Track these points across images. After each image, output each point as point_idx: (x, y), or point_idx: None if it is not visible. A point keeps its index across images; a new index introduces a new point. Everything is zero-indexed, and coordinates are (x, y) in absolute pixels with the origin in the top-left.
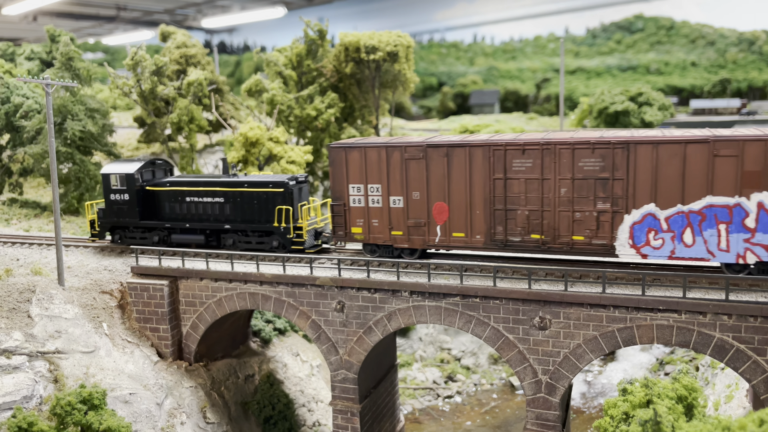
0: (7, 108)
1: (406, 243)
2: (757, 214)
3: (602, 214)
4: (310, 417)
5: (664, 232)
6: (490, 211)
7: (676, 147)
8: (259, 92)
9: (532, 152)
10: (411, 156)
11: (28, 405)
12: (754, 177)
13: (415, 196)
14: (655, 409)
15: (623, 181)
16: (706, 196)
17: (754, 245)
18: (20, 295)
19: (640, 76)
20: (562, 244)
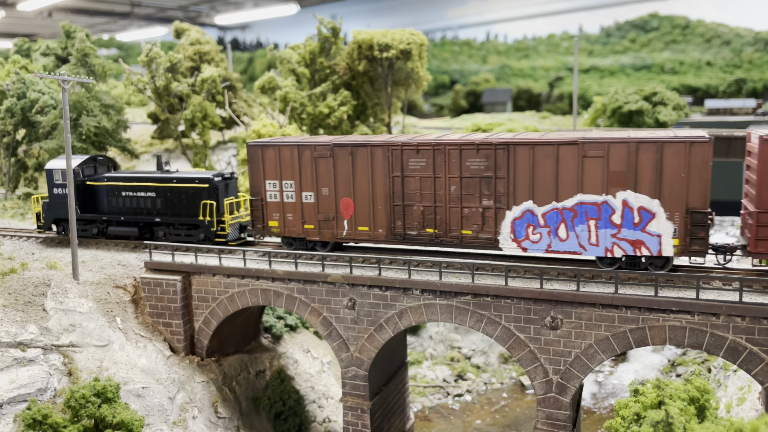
0: (23, 103)
1: (317, 236)
2: (622, 211)
3: (487, 210)
4: (321, 413)
5: (542, 227)
6: (390, 206)
7: (550, 148)
8: (272, 89)
9: (425, 152)
10: (320, 155)
11: (42, 397)
12: (619, 176)
13: (325, 192)
14: (667, 410)
15: (505, 179)
16: (577, 194)
17: (620, 240)
18: (35, 289)
19: (654, 76)
20: (453, 238)
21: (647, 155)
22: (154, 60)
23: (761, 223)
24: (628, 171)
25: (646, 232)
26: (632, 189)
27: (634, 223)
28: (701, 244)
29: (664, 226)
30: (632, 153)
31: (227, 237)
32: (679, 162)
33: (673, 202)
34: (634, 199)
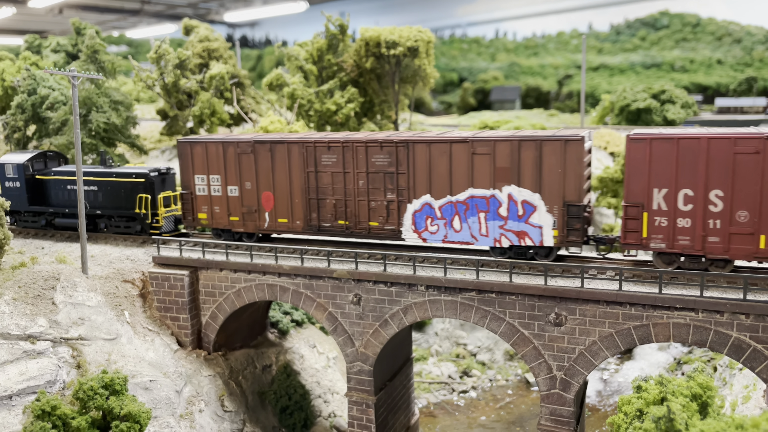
0: (34, 99)
1: (242, 228)
2: (507, 204)
3: (391, 203)
4: (326, 408)
5: (439, 219)
6: (306, 199)
7: (444, 146)
8: (280, 86)
9: (336, 149)
10: (242, 151)
11: (51, 389)
12: (505, 172)
13: (248, 186)
14: (669, 406)
15: (406, 174)
16: (468, 189)
17: (507, 231)
18: (45, 283)
19: (664, 74)
20: (362, 229)
21: (528, 152)
22: (163, 57)
23: (629, 216)
24: (512, 167)
25: (529, 224)
26: (516, 184)
27: (518, 215)
28: (577, 235)
29: (544, 218)
30: (515, 150)
31: (161, 229)
32: (556, 159)
33: (552, 196)
34: (517, 193)
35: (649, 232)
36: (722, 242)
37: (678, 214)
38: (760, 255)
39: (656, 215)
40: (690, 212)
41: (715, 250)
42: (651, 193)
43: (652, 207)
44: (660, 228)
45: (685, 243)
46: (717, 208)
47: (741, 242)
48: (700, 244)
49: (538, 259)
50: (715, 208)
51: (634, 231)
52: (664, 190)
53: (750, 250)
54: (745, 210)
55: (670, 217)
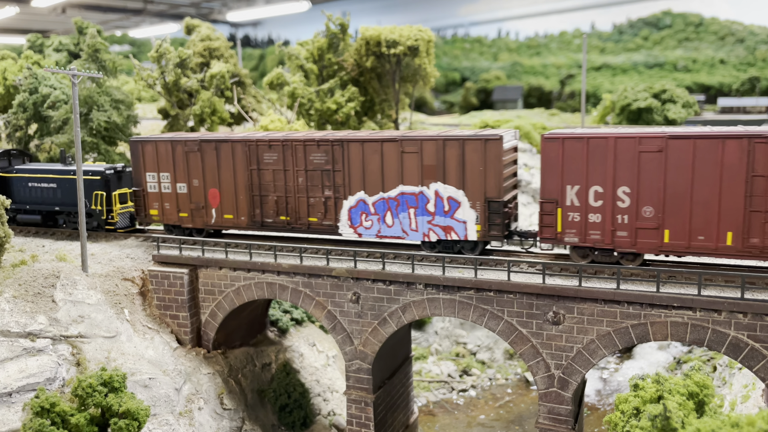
0: (35, 98)
1: (190, 223)
2: (435, 200)
3: (328, 199)
4: (325, 406)
5: (372, 215)
6: (250, 196)
7: (376, 145)
8: (281, 85)
9: (276, 147)
10: (190, 149)
11: (51, 387)
12: (432, 170)
13: (195, 183)
14: (665, 404)
15: (341, 172)
16: (399, 185)
17: (435, 226)
18: (45, 281)
19: (667, 73)
20: (302, 225)
21: (452, 151)
22: (163, 56)
23: (545, 212)
24: (438, 165)
25: (455, 219)
26: (442, 181)
27: (444, 211)
28: (498, 230)
29: (468, 213)
30: (440, 149)
31: (116, 224)
32: (478, 157)
33: (475, 193)
34: (443, 190)
35: (564, 227)
36: (630, 236)
37: (589, 210)
38: (665, 249)
39: (569, 211)
40: (600, 208)
41: (624, 244)
42: (564, 189)
43: (565, 203)
44: (573, 223)
45: (596, 237)
46: (624, 204)
47: (647, 236)
48: (609, 238)
49: (464, 253)
50: (622, 204)
51: (550, 226)
52: (577, 186)
53: (655, 244)
54: (650, 206)
55: (582, 212)
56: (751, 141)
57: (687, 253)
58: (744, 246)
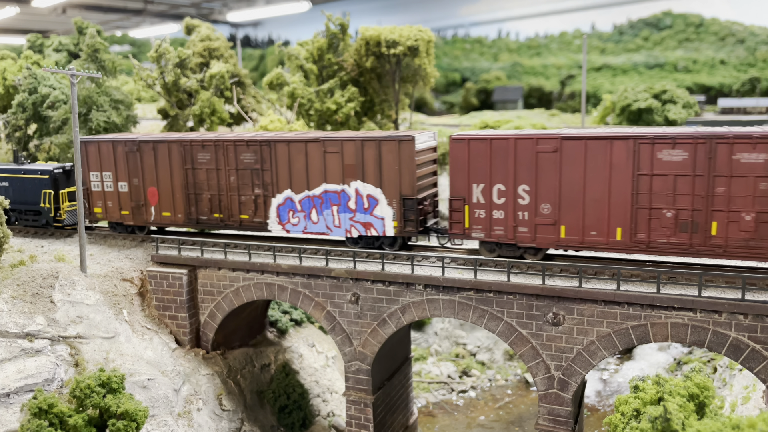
0: (35, 98)
1: (131, 221)
2: (355, 198)
3: (258, 197)
4: (325, 407)
5: (299, 212)
6: (186, 194)
7: (301, 145)
8: (281, 86)
9: (209, 148)
10: (129, 149)
11: (49, 388)
12: (352, 169)
13: (135, 183)
14: (666, 406)
15: (270, 171)
16: (322, 184)
17: (356, 222)
18: (44, 281)
19: (667, 74)
20: (234, 221)
21: (370, 151)
22: (163, 56)
23: (453, 209)
24: (357, 164)
25: (374, 216)
26: (361, 179)
27: (364, 208)
28: (413, 226)
29: (385, 210)
30: (359, 149)
31: (64, 221)
32: (393, 157)
33: (391, 190)
34: (363, 188)
35: (471, 223)
36: (530, 232)
37: (493, 207)
38: (562, 243)
39: (476, 208)
40: (503, 205)
41: (525, 239)
42: (471, 187)
43: (472, 200)
44: (479, 219)
45: (500, 233)
46: (524, 201)
47: (545, 232)
48: (512, 233)
49: (385, 248)
50: (523, 201)
51: (458, 222)
52: (482, 185)
53: (553, 239)
54: (548, 203)
55: (486, 209)
56: (636, 142)
57: (582, 247)
58: (632, 241)
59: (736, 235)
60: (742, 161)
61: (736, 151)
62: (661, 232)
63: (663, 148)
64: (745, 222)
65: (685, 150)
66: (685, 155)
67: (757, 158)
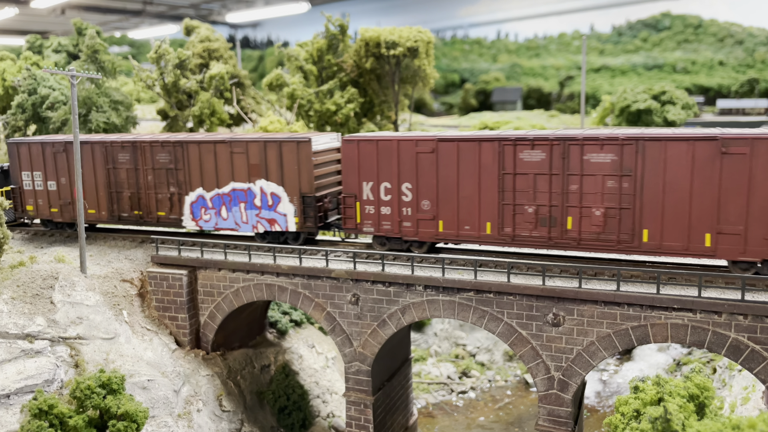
0: (34, 99)
1: (60, 218)
2: (260, 195)
3: (173, 195)
4: (325, 408)
5: (210, 209)
6: (108, 192)
7: (210, 145)
8: (280, 86)
9: (128, 148)
10: (57, 150)
11: (49, 388)
12: (257, 168)
13: (63, 181)
14: (666, 406)
15: (183, 171)
16: (231, 182)
17: (262, 219)
18: (43, 282)
19: (666, 75)
20: (152, 218)
21: (272, 152)
22: (162, 57)
23: (346, 205)
24: (261, 164)
25: (277, 212)
26: (265, 178)
27: (268, 205)
28: (312, 222)
29: (288, 207)
30: (263, 150)
31: None
32: (293, 157)
33: (292, 189)
34: (267, 186)
35: (362, 219)
36: (413, 226)
37: (381, 203)
38: (440, 237)
39: (366, 204)
40: (389, 202)
41: (409, 233)
42: (361, 185)
43: (362, 197)
44: (369, 215)
45: (387, 227)
46: (408, 198)
47: (426, 226)
48: (397, 228)
49: (289, 242)
50: (406, 198)
51: (351, 218)
52: (371, 183)
53: (433, 233)
54: (427, 199)
55: (375, 205)
56: (500, 143)
57: (458, 240)
58: (500, 234)
59: (588, 229)
60: (591, 161)
61: (586, 151)
62: (524, 227)
63: (524, 150)
64: (596, 217)
65: (543, 151)
66: (543, 156)
67: (604, 158)
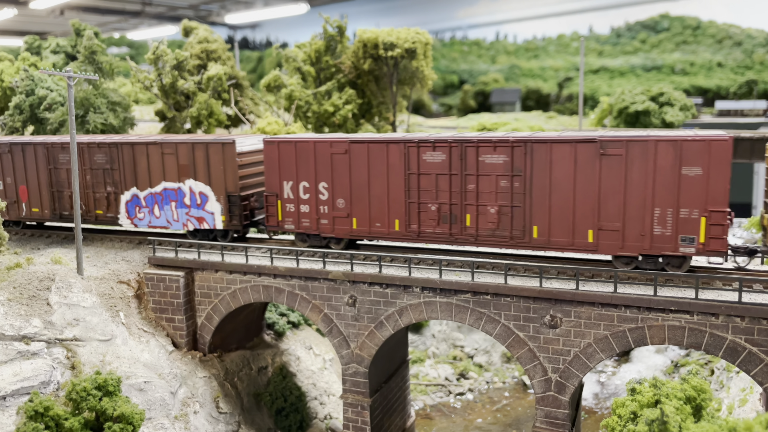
0: (32, 100)
1: (7, 216)
2: (189, 194)
3: (110, 194)
4: (322, 410)
5: (144, 207)
6: (51, 192)
7: (143, 147)
8: (278, 88)
9: (68, 150)
10: (2, 151)
11: (45, 390)
12: (186, 168)
13: (8, 181)
14: (662, 408)
15: (118, 171)
16: (162, 182)
17: (191, 217)
18: (40, 283)
19: (664, 76)
20: (91, 216)
21: (200, 153)
22: (160, 58)
23: (269, 203)
24: (190, 164)
25: (205, 211)
26: (194, 178)
27: (197, 204)
28: (237, 220)
29: (215, 206)
30: (191, 151)
31: None
32: (218, 158)
33: (219, 188)
34: (195, 186)
35: (283, 217)
36: (330, 224)
37: (300, 202)
38: (354, 234)
39: (287, 203)
40: (308, 200)
41: (326, 230)
42: (282, 185)
43: (283, 196)
44: (290, 213)
45: (306, 225)
46: (324, 196)
47: (342, 224)
48: (315, 225)
49: (218, 239)
50: (323, 197)
51: (273, 215)
52: (291, 182)
53: (348, 230)
54: (342, 198)
55: (295, 204)
56: (405, 145)
57: (371, 237)
58: (407, 231)
59: (484, 225)
60: (486, 162)
61: (481, 153)
62: (428, 223)
63: (426, 151)
64: (491, 214)
65: (443, 152)
66: (443, 157)
67: (497, 159)
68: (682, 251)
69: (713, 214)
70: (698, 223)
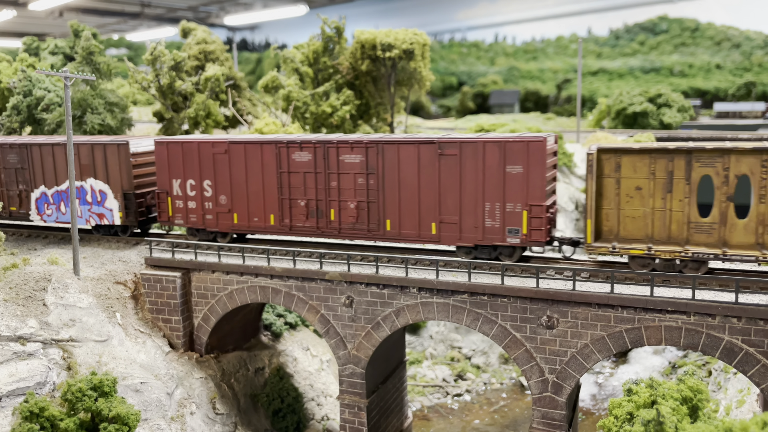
0: (29, 101)
1: None
2: (91, 192)
3: (22, 192)
4: (319, 411)
5: (52, 204)
6: None
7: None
8: (276, 89)
9: (16, 149)
10: None
11: (41, 391)
12: (87, 168)
13: None
14: (659, 409)
15: (28, 170)
16: (67, 181)
17: (93, 213)
18: (36, 284)
19: (663, 78)
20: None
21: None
22: (158, 59)
23: (160, 200)
24: (90, 164)
25: (105, 208)
26: (94, 177)
27: (98, 201)
28: (132, 216)
29: (113, 203)
30: (91, 151)
31: None
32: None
33: (116, 186)
34: (96, 184)
35: (173, 212)
36: (214, 219)
37: (188, 198)
38: (236, 228)
39: (176, 199)
40: (195, 197)
41: (211, 225)
42: (171, 182)
43: (173, 193)
44: (179, 209)
45: (194, 220)
46: (208, 193)
47: (224, 219)
48: (201, 220)
49: (120, 234)
50: (207, 194)
51: (164, 211)
52: (179, 180)
53: (230, 225)
54: (224, 195)
55: (183, 200)
56: (277, 146)
57: (250, 231)
58: (281, 225)
59: (346, 219)
60: (345, 161)
61: (341, 153)
62: (298, 218)
63: (295, 151)
64: (351, 209)
65: (309, 152)
66: (310, 156)
67: (354, 159)
68: (509, 242)
69: (533, 207)
70: (521, 216)
